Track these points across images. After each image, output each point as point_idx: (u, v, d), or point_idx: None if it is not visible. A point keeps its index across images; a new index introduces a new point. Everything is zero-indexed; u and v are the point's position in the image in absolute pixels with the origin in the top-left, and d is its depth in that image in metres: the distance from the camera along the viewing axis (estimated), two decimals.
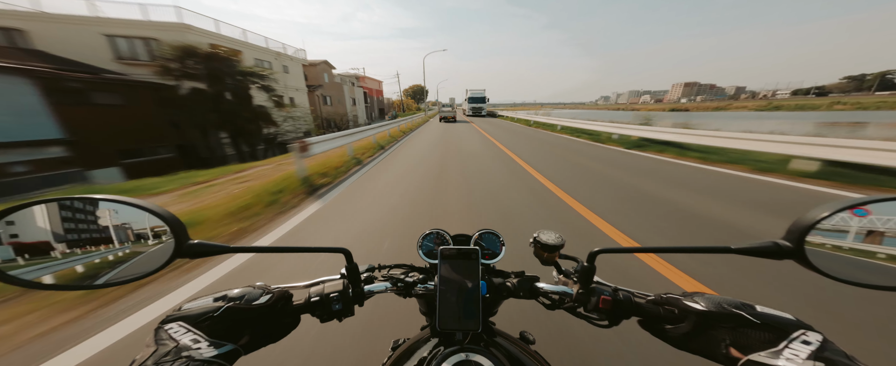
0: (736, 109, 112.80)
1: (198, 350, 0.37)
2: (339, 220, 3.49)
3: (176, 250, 0.42)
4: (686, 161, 6.86)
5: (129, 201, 0.42)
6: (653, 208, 3.72)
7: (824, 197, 4.21)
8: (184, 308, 0.43)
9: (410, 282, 0.59)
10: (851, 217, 0.38)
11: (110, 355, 1.54)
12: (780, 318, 0.38)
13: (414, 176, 5.68)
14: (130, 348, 1.59)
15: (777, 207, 3.72)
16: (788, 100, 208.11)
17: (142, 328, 1.71)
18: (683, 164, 6.62)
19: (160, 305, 1.92)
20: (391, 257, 2.35)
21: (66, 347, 1.57)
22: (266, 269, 2.38)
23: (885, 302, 1.81)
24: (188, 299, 0.45)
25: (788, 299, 1.94)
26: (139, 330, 1.70)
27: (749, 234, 3.00)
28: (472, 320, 0.50)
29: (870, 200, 0.38)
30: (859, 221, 0.38)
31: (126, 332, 1.68)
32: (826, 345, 0.34)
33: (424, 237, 0.69)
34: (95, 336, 1.64)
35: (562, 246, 0.61)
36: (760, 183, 4.93)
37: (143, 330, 1.70)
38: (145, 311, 1.85)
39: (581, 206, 3.79)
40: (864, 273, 0.38)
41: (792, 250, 0.40)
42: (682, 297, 0.46)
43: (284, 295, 0.50)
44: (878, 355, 1.52)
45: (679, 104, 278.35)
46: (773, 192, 4.43)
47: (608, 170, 6.07)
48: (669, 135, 8.61)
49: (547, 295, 0.57)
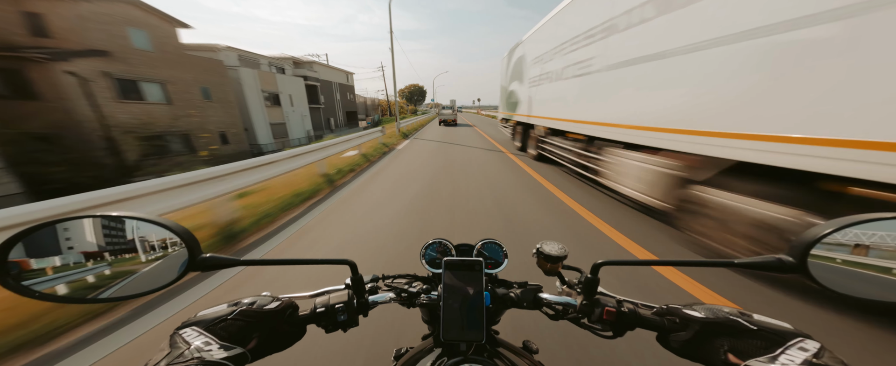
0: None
1: (209, 352, 0.38)
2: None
3: (190, 264, 0.44)
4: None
5: (144, 218, 0.44)
6: None
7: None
8: (199, 315, 0.45)
9: (414, 292, 0.60)
10: (854, 234, 0.38)
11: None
12: (778, 326, 0.39)
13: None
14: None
15: None
16: None
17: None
18: None
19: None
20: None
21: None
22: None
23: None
24: (204, 307, 0.47)
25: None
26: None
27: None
28: (476, 330, 0.50)
29: (873, 218, 0.38)
30: (862, 237, 0.38)
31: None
32: (822, 353, 0.34)
33: (427, 247, 0.70)
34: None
35: (565, 257, 0.61)
36: None
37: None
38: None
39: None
40: (868, 288, 0.38)
41: (795, 266, 0.40)
42: (684, 307, 0.46)
43: (291, 304, 0.51)
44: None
45: None
46: None
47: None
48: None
49: (551, 306, 0.57)
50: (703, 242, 2.52)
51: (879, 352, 1.58)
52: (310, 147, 5.47)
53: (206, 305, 0.54)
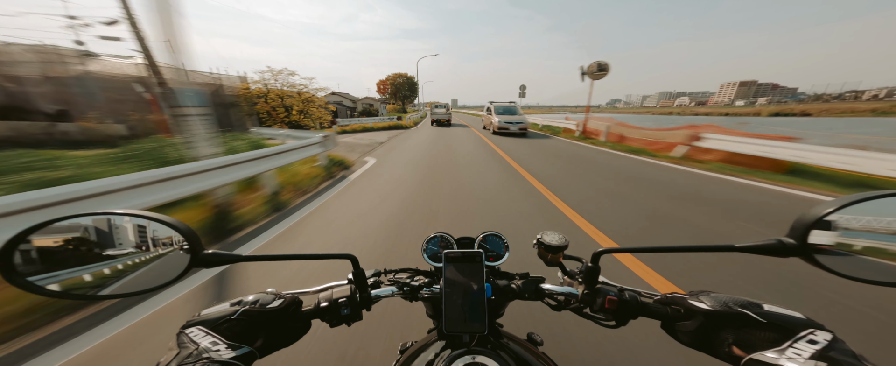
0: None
1: (217, 352, 0.39)
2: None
3: (192, 260, 0.45)
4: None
5: (147, 215, 0.44)
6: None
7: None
8: (202, 313, 0.45)
9: (416, 286, 0.60)
10: (854, 213, 0.38)
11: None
12: (789, 317, 0.37)
13: None
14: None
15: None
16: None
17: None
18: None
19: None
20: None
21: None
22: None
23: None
24: (207, 305, 0.47)
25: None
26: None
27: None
28: (479, 322, 0.50)
29: (872, 196, 0.37)
30: (862, 217, 0.38)
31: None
32: (833, 345, 0.33)
33: (429, 241, 0.70)
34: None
35: (566, 247, 0.61)
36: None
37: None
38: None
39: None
40: (869, 270, 0.37)
41: (796, 248, 0.39)
42: (688, 296, 0.46)
43: (295, 301, 0.52)
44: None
45: (754, 107, 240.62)
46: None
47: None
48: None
49: (552, 296, 0.57)
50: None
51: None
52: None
53: (198, 296, 0.54)
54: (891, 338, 1.62)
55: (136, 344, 1.70)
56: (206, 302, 2.03)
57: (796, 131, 7.58)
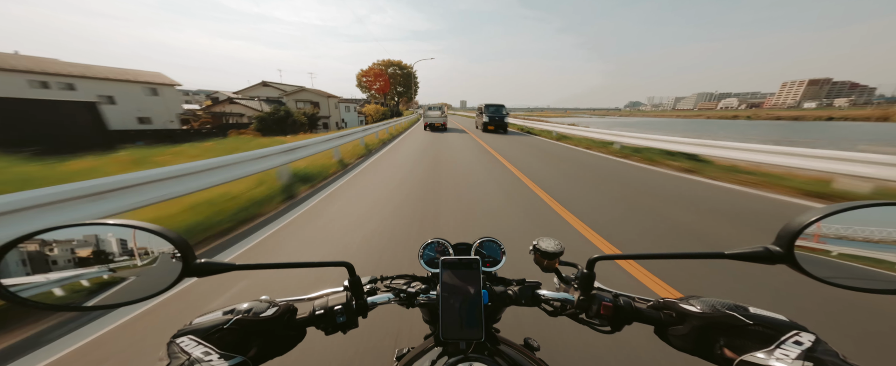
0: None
1: (209, 362, 0.38)
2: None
3: (184, 270, 0.44)
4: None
5: (137, 225, 0.43)
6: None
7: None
8: (194, 323, 0.44)
9: (413, 292, 0.60)
10: (839, 223, 0.39)
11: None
12: (774, 319, 0.39)
13: None
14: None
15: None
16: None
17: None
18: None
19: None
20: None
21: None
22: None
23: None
24: (199, 314, 0.46)
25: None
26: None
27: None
28: (475, 328, 0.50)
29: (857, 205, 0.39)
30: (847, 226, 0.39)
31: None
32: (817, 345, 0.35)
33: (425, 247, 0.70)
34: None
35: (561, 253, 0.62)
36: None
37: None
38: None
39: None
40: (853, 277, 0.39)
41: (783, 255, 0.41)
42: (680, 301, 0.47)
43: (289, 308, 0.51)
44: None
45: (830, 110, 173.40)
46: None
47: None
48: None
49: (549, 302, 0.58)
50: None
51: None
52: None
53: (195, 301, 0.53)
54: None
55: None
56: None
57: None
